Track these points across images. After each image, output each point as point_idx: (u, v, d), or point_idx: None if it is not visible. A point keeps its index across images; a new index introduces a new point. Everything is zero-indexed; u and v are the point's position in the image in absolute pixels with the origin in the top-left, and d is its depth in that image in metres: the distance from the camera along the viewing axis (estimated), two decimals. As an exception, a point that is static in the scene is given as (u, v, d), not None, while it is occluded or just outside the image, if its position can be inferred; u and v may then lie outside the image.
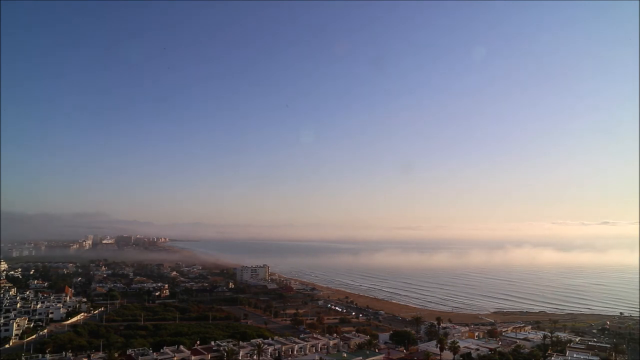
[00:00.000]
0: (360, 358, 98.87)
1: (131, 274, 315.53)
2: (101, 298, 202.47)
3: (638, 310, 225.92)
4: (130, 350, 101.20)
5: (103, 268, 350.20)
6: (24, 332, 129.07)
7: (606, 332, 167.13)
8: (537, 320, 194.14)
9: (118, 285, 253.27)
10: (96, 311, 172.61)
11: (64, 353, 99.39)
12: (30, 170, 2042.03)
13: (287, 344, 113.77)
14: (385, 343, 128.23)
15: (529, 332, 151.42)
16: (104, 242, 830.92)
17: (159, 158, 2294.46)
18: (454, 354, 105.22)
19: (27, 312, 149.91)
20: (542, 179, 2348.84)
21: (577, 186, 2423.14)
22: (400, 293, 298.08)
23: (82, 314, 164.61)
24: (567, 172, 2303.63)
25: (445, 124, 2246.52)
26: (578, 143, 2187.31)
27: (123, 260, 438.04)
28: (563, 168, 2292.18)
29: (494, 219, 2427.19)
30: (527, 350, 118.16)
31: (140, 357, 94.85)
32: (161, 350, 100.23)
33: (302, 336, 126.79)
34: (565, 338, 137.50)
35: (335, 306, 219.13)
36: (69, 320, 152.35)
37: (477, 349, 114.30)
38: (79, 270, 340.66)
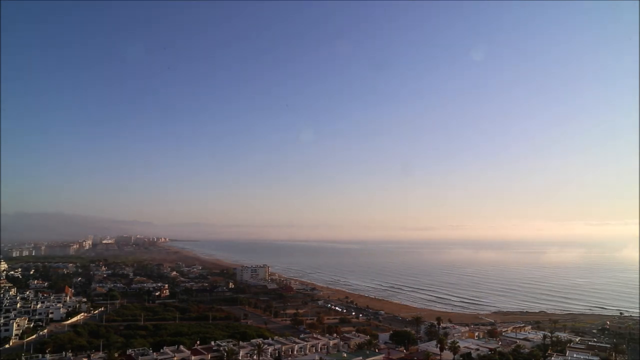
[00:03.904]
0: (360, 358, 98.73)
1: (131, 274, 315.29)
2: (101, 298, 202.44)
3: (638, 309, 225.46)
4: (130, 350, 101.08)
5: (103, 268, 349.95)
6: (24, 332, 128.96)
7: (606, 332, 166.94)
8: (537, 320, 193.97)
9: (118, 285, 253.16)
10: (96, 311, 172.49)
11: (64, 353, 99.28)
12: (30, 170, 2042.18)
13: (287, 344, 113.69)
14: (385, 343, 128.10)
15: (529, 332, 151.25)
16: (104, 242, 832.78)
17: (159, 158, 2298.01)
18: (454, 354, 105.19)
19: (27, 312, 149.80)
20: (544, 180, 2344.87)
21: (576, 186, 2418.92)
22: None
23: (82, 314, 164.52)
24: (574, 171, 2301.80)
25: (445, 123, 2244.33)
26: (580, 143, 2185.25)
27: (123, 260, 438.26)
28: (569, 168, 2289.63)
29: (506, 218, 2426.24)
30: (527, 350, 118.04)
31: (140, 357, 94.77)
32: (161, 350, 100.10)
33: (302, 336, 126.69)
34: (565, 338, 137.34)
35: (335, 306, 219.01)
36: (69, 320, 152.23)
37: (477, 349, 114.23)
38: (79, 270, 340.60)
